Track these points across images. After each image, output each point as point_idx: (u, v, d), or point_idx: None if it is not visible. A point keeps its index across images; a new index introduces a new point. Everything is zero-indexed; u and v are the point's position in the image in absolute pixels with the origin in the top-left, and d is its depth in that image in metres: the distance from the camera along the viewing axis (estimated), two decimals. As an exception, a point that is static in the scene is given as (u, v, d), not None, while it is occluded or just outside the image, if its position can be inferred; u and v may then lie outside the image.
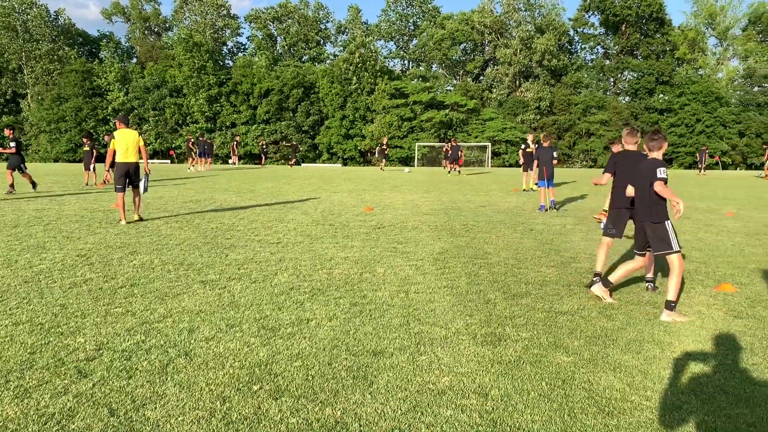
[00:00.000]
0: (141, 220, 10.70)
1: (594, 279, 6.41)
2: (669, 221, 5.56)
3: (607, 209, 6.80)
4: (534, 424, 3.32)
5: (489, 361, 4.25)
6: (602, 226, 7.89)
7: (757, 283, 6.84)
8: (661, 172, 5.41)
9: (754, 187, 23.70)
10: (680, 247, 5.59)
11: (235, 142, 40.91)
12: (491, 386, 3.82)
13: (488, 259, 7.90)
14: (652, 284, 6.57)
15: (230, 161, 40.89)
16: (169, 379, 3.85)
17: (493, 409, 3.50)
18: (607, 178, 6.82)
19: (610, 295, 6.01)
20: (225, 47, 67.27)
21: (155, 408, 3.43)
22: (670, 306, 5.41)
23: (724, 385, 3.93)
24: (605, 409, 3.53)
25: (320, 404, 3.52)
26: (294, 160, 42.73)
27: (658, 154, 5.62)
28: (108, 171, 21.06)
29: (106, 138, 24.54)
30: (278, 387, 3.75)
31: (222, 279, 6.56)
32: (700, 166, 37.96)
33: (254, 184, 21.01)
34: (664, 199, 5.52)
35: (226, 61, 64.46)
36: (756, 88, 56.32)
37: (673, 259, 5.48)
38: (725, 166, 51.65)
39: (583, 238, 9.85)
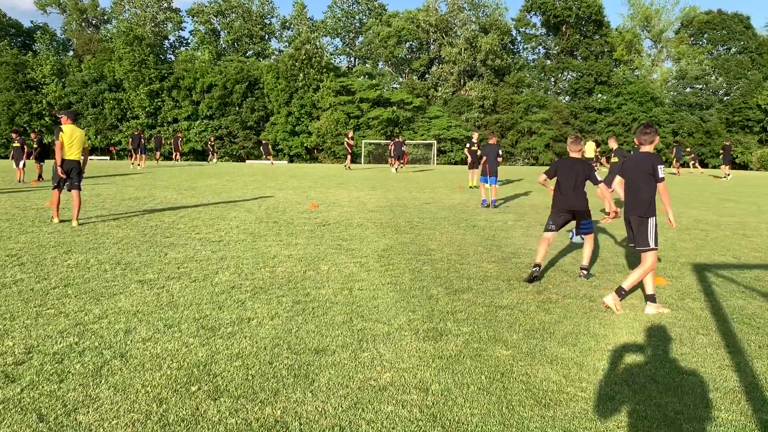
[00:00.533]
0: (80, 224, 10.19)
1: (533, 270, 6.62)
2: (655, 218, 5.66)
3: (608, 211, 6.87)
4: (473, 418, 3.37)
5: (430, 356, 4.29)
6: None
7: (687, 276, 7.13)
8: (661, 170, 5.53)
9: (686, 185, 24.71)
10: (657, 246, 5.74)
11: (176, 138, 39.91)
12: (432, 381, 3.86)
13: (432, 256, 7.97)
14: (586, 272, 6.86)
15: (174, 158, 39.85)
16: (103, 381, 3.73)
17: (433, 403, 3.54)
18: (545, 178, 7.02)
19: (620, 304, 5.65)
20: (167, 41, 65.51)
21: (88, 412, 3.31)
22: (620, 293, 5.56)
23: (655, 375, 4.08)
24: (542, 401, 3.62)
25: (260, 404, 3.48)
26: (270, 157, 42.57)
27: (650, 148, 5.71)
28: (40, 165, 20.25)
29: (33, 136, 23.56)
30: (217, 387, 3.68)
31: (161, 278, 6.40)
32: (676, 163, 38.30)
33: (196, 181, 20.57)
34: (654, 195, 5.61)
35: (168, 56, 62.79)
36: (688, 89, 58.79)
37: (649, 256, 5.61)
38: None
39: (524, 234, 10.06)
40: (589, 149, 28.32)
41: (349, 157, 32.57)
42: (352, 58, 67.83)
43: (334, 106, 52.07)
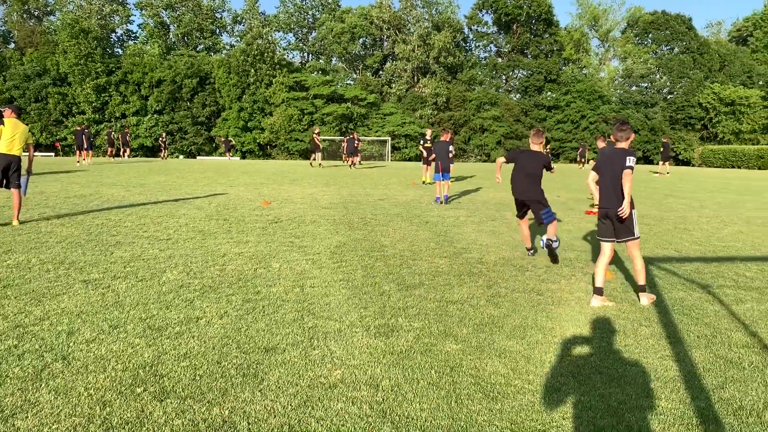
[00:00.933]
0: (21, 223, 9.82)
1: (529, 253, 7.89)
2: (635, 210, 5.85)
3: (595, 204, 7.06)
4: (422, 413, 3.40)
5: (381, 353, 4.31)
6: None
7: (631, 268, 7.33)
8: (630, 160, 5.63)
9: (639, 180, 25.43)
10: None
11: (123, 134, 38.90)
12: (382, 377, 3.87)
13: (384, 252, 8.00)
14: (533, 251, 7.89)
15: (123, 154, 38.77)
16: (43, 385, 3.60)
17: (383, 399, 3.55)
18: (502, 161, 7.40)
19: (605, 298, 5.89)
20: (114, 35, 63.66)
21: (26, 417, 3.20)
22: (643, 289, 5.89)
23: (600, 366, 4.20)
24: (490, 395, 3.67)
25: (207, 404, 3.42)
26: (230, 153, 41.85)
27: (625, 145, 5.83)
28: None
29: None
30: (164, 388, 3.61)
31: (106, 278, 6.22)
32: (581, 160, 40.40)
33: (145, 177, 20.09)
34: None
35: (116, 49, 61.03)
36: (633, 88, 60.60)
37: (635, 245, 5.89)
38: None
39: (475, 229, 10.19)
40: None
41: (319, 154, 31.74)
42: (306, 54, 67.33)
43: (287, 101, 51.65)
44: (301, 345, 4.42)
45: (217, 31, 64.50)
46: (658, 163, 40.72)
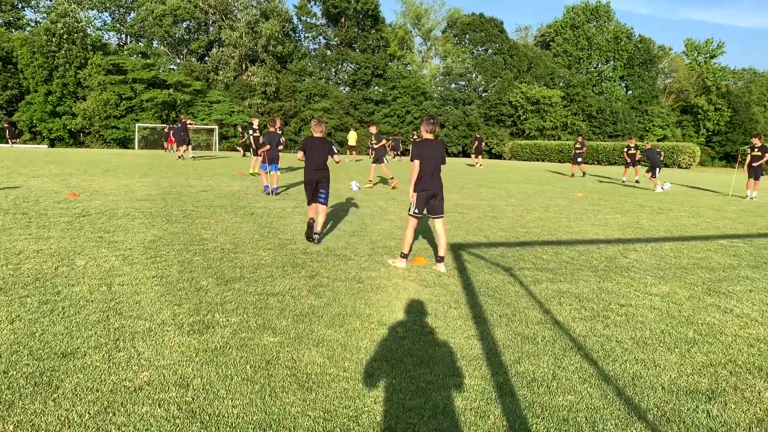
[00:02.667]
0: None
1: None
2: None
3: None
4: (234, 409, 3.32)
5: (194, 351, 4.14)
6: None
7: (444, 255, 7.79)
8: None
9: (456, 172, 27.04)
10: None
11: None
12: (194, 376, 3.72)
13: (204, 245, 7.70)
14: (318, 237, 8.28)
15: None
16: None
17: (193, 399, 3.42)
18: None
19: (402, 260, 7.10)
20: None
21: None
22: (442, 260, 6.95)
23: (411, 349, 4.40)
24: (305, 385, 3.69)
25: (-13, 421, 3.05)
26: (15, 139, 37.15)
27: (431, 136, 7.00)
28: None
29: None
30: (-68, 408, 3.16)
31: None
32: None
33: (-76, 167, 17.44)
34: None
35: None
36: (453, 85, 64.40)
37: (444, 221, 7.12)
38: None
39: (302, 220, 10.18)
40: (351, 138, 32.86)
41: (190, 146, 28.22)
42: (124, 36, 62.61)
43: (103, 85, 47.63)
44: (104, 347, 4.10)
45: (19, 4, 57.61)
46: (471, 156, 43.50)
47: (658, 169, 20.22)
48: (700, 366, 4.27)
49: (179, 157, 27.20)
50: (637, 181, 23.25)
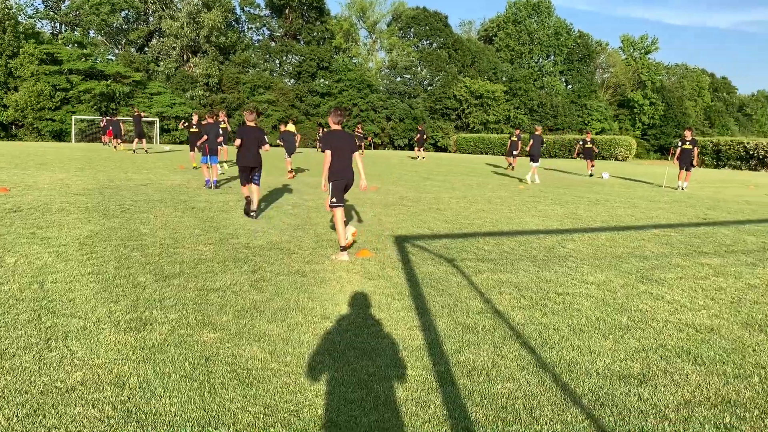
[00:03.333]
0: None
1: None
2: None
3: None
4: (172, 407, 3.25)
5: (131, 348, 4.03)
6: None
7: (389, 248, 7.84)
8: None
9: (402, 165, 27.15)
10: None
11: None
12: (130, 374, 3.62)
13: (143, 241, 7.49)
14: (255, 213, 9.14)
15: None
16: None
17: (129, 398, 3.32)
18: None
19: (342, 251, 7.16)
20: None
21: None
22: (344, 249, 7.09)
23: (354, 342, 4.40)
24: (245, 381, 3.64)
25: None
26: None
27: (339, 126, 7.15)
28: None
29: None
30: None
31: None
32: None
33: None
34: None
35: None
36: (398, 79, 64.61)
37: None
38: (377, 146, 58.25)
39: (243, 214, 10.03)
40: (290, 129, 31.49)
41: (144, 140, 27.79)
42: (58, 24, 60.07)
43: (36, 75, 45.61)
44: (35, 347, 3.95)
45: (-60, -13, 54.50)
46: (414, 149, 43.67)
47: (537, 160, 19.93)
48: (633, 351, 4.43)
49: (114, 147, 26.42)
50: (590, 175, 23.93)
